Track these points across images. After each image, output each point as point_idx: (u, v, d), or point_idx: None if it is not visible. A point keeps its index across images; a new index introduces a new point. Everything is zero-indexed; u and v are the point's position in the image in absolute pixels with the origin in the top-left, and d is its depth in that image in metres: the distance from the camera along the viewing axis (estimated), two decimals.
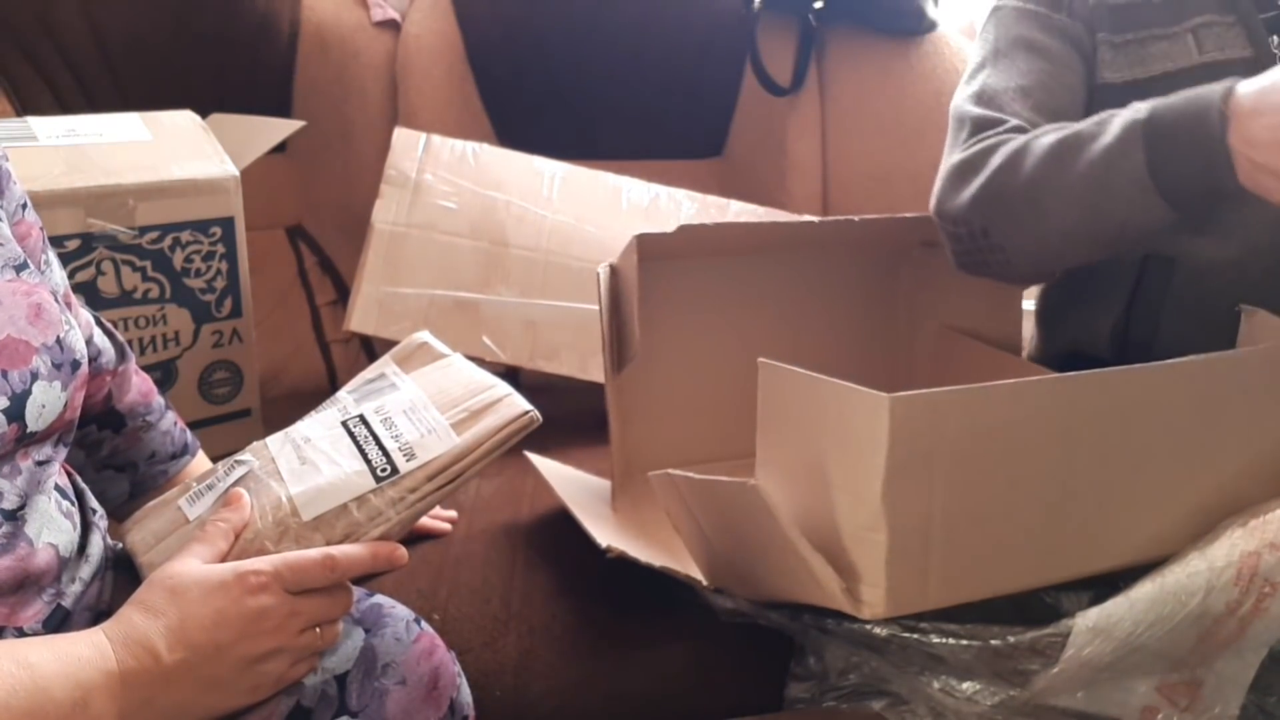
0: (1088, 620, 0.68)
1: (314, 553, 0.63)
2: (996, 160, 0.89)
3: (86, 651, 0.56)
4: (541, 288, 1.21)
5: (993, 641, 0.72)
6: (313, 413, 0.78)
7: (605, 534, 0.84)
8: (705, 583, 0.83)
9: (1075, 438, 0.68)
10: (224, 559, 0.63)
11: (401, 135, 1.26)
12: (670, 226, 1.30)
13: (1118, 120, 0.83)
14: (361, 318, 1.15)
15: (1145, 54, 0.94)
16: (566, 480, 1.01)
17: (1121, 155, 0.82)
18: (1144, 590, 0.69)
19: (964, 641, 0.72)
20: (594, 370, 1.20)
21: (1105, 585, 0.73)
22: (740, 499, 0.71)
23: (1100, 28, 0.96)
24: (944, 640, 0.73)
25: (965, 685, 0.74)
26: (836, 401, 0.67)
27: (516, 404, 0.72)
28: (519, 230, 1.24)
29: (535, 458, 1.02)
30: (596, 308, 1.19)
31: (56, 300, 0.65)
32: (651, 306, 0.97)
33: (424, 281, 1.18)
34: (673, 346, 1.08)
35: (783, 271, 1.13)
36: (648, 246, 0.94)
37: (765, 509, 0.68)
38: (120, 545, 0.72)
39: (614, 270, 0.97)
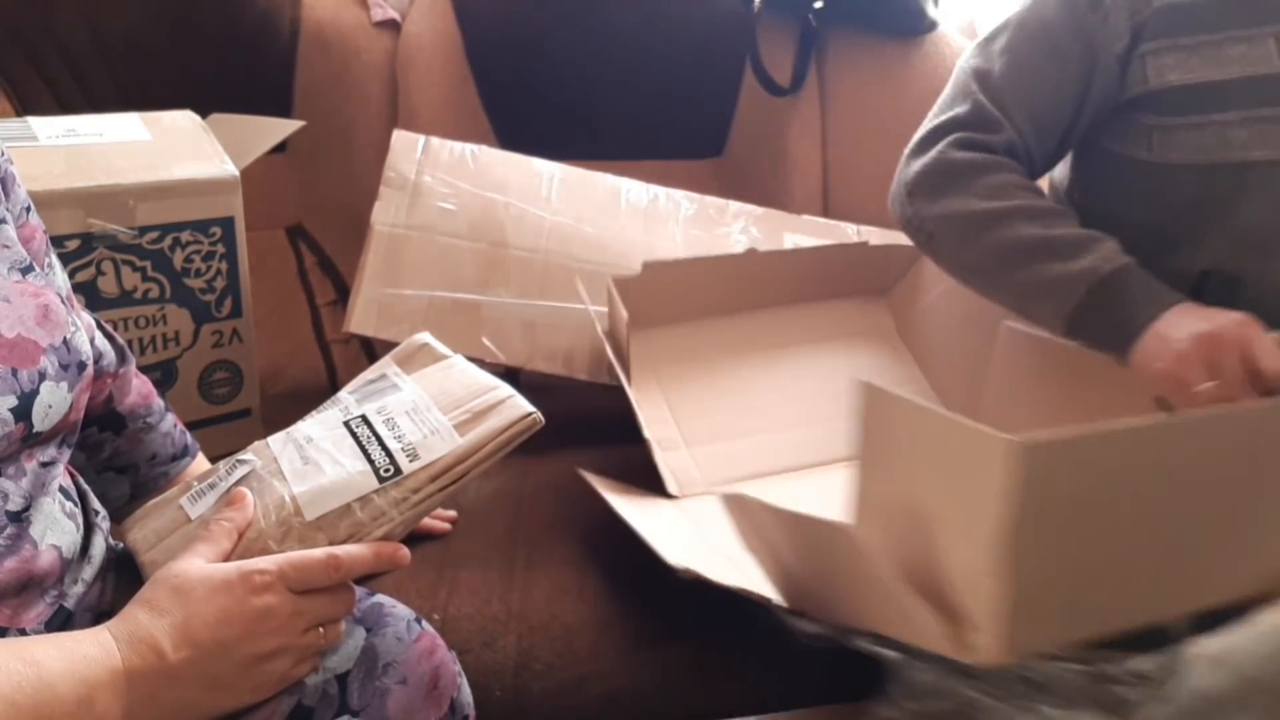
0: (1205, 648, 0.64)
1: (318, 552, 0.63)
2: (978, 202, 0.95)
3: (92, 649, 0.56)
4: (541, 288, 1.21)
5: (1101, 666, 0.67)
6: (314, 413, 0.78)
7: (672, 553, 0.82)
8: (783, 604, 0.79)
9: (1204, 476, 0.64)
10: (228, 558, 0.63)
11: (400, 137, 1.26)
12: (670, 227, 1.31)
13: (1087, 258, 0.90)
14: (361, 319, 1.15)
15: (1223, 55, 0.89)
16: (626, 501, 0.96)
17: (1066, 289, 0.90)
18: (1270, 619, 0.64)
19: (1069, 666, 0.68)
20: (593, 371, 1.20)
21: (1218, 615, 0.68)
22: (832, 539, 0.67)
23: (1154, 34, 0.92)
24: (1047, 665, 0.68)
25: (1061, 715, 0.69)
26: (950, 438, 0.62)
27: (519, 405, 0.72)
28: (518, 231, 1.24)
29: (592, 478, 0.98)
30: (596, 308, 1.20)
31: (63, 302, 0.65)
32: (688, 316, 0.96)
33: (423, 283, 1.18)
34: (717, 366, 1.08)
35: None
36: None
37: (864, 555, 0.64)
38: (122, 546, 0.72)
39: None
